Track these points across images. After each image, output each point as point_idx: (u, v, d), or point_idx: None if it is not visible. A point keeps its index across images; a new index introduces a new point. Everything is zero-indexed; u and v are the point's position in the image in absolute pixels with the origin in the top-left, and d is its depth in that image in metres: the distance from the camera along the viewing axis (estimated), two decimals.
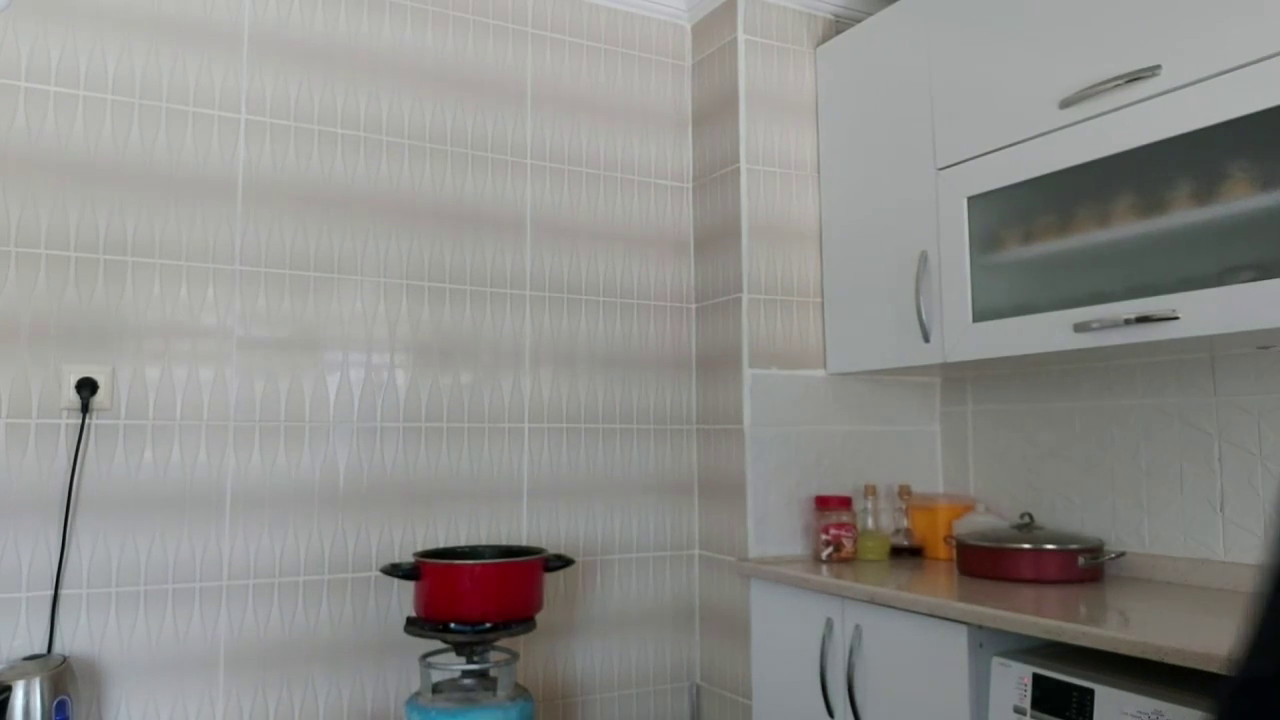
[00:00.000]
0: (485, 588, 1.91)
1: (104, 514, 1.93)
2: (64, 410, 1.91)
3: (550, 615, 2.33)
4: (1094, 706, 1.45)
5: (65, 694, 1.73)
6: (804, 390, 2.44)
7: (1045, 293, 1.92)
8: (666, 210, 2.64)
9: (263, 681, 2.04)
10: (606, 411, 2.49)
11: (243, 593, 2.04)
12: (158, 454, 1.98)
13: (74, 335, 1.93)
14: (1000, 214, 2.03)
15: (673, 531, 2.55)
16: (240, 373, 2.07)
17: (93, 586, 1.91)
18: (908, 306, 2.18)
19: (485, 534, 2.31)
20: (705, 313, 2.59)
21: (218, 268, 2.07)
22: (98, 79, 1.99)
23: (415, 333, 2.27)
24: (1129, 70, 1.69)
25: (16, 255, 1.90)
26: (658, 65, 2.67)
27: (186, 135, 2.07)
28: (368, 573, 2.16)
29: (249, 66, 2.14)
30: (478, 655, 1.94)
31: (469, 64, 2.40)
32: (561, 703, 2.37)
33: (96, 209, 1.97)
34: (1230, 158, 1.61)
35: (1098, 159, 1.75)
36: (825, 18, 2.61)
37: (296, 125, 2.18)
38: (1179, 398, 1.96)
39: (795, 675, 2.11)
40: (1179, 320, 1.61)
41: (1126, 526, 2.05)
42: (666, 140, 2.66)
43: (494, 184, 2.40)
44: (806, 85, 2.56)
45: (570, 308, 2.47)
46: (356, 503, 2.17)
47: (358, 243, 2.22)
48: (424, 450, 2.25)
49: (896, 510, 2.43)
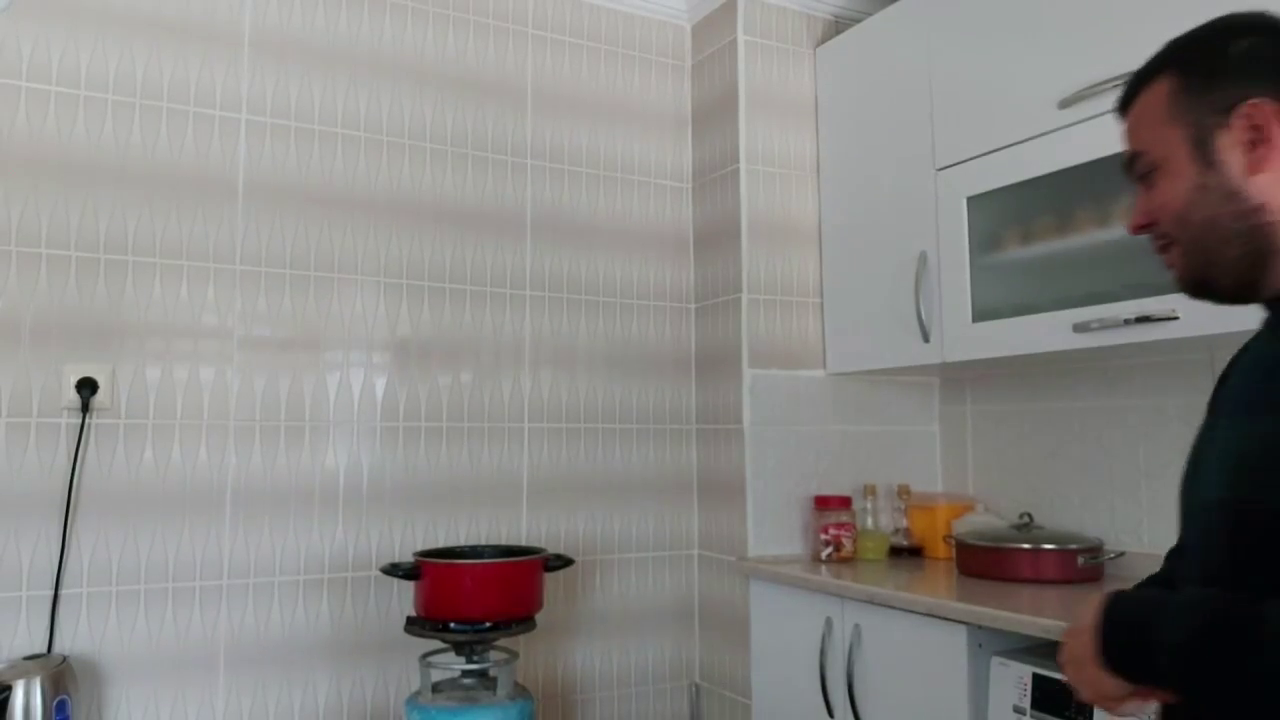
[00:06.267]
0: (485, 587, 1.91)
1: (104, 513, 1.93)
2: (64, 410, 1.91)
3: (550, 615, 2.33)
4: (1094, 706, 1.45)
5: (65, 693, 1.73)
6: (803, 390, 2.44)
7: (1045, 293, 1.92)
8: (666, 210, 2.64)
9: (263, 680, 2.04)
10: (606, 411, 2.49)
11: (243, 592, 2.04)
12: (158, 453, 1.98)
13: (75, 335, 1.93)
14: (1000, 214, 2.03)
15: (672, 531, 2.55)
16: (241, 372, 2.08)
17: (93, 586, 1.91)
18: (907, 306, 2.18)
19: (485, 534, 2.31)
20: (705, 313, 2.59)
21: (218, 267, 2.07)
22: (99, 79, 1.99)
23: (415, 332, 2.27)
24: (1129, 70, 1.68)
25: (17, 255, 1.90)
26: (658, 65, 2.67)
27: (187, 135, 2.07)
28: (368, 572, 2.17)
29: (250, 66, 2.14)
30: (478, 655, 1.94)
31: (469, 64, 2.40)
32: (561, 702, 2.37)
33: (97, 209, 1.97)
34: None
35: (1098, 159, 1.75)
36: (825, 18, 2.61)
37: (297, 125, 2.18)
38: (1179, 398, 1.97)
39: (795, 675, 2.12)
40: (1179, 320, 1.61)
41: (1126, 526, 2.06)
42: (666, 140, 2.66)
43: (494, 184, 2.41)
44: (806, 85, 2.56)
45: (570, 308, 2.47)
46: (357, 502, 2.17)
47: (358, 242, 2.22)
48: (424, 450, 2.25)
49: (896, 510, 2.43)
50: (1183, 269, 0.93)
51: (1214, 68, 0.89)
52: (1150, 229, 0.94)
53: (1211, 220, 0.87)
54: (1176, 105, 0.90)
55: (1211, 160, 0.87)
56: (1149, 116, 0.93)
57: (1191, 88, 0.89)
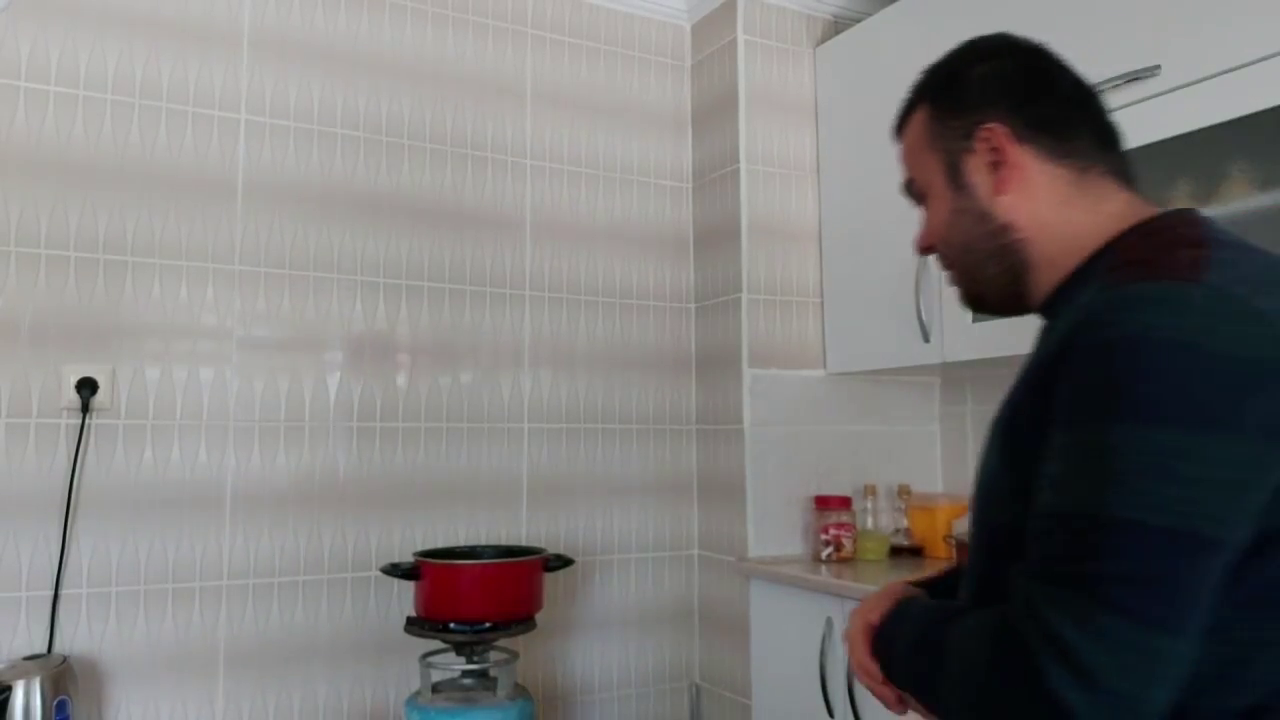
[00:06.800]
0: (485, 587, 1.92)
1: (104, 514, 1.93)
2: (64, 410, 1.91)
3: (550, 615, 2.33)
4: None
5: (65, 694, 1.73)
6: (803, 390, 2.44)
7: None
8: (666, 210, 2.64)
9: (262, 681, 2.04)
10: (606, 411, 2.49)
11: (243, 592, 2.04)
12: (158, 454, 1.98)
13: (74, 335, 1.93)
14: None
15: (672, 531, 2.55)
16: (240, 372, 2.07)
17: (93, 586, 1.91)
18: (907, 306, 2.18)
19: (485, 534, 2.31)
20: (705, 313, 2.59)
21: (218, 268, 2.07)
22: (98, 79, 1.99)
23: (415, 332, 2.27)
24: (1129, 70, 1.69)
25: (16, 255, 1.90)
26: (657, 65, 2.67)
27: (186, 135, 2.07)
28: (368, 572, 2.16)
29: (249, 67, 2.14)
30: (478, 655, 1.94)
31: (469, 64, 2.40)
32: (561, 703, 2.37)
33: (96, 209, 1.97)
34: (1230, 158, 1.61)
35: None
36: (825, 18, 2.61)
37: (296, 125, 2.18)
38: None
39: (795, 675, 2.11)
40: None
41: None
42: (666, 140, 2.66)
43: (494, 184, 2.40)
44: (806, 85, 2.56)
45: (570, 308, 2.47)
46: (356, 502, 2.17)
47: (358, 242, 2.22)
48: (424, 450, 2.25)
49: (896, 510, 2.43)
50: (958, 287, 0.96)
51: (956, 94, 0.92)
52: (931, 251, 0.97)
53: (969, 242, 0.91)
54: (931, 133, 0.93)
55: (962, 184, 0.90)
56: (913, 144, 0.96)
57: (941, 115, 0.92)
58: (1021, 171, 0.87)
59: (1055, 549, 0.68)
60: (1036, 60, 0.93)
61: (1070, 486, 0.69)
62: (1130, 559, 0.64)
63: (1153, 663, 0.63)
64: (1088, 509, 0.66)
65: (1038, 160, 0.87)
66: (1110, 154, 0.88)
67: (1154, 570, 0.64)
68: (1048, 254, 0.86)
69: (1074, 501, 0.68)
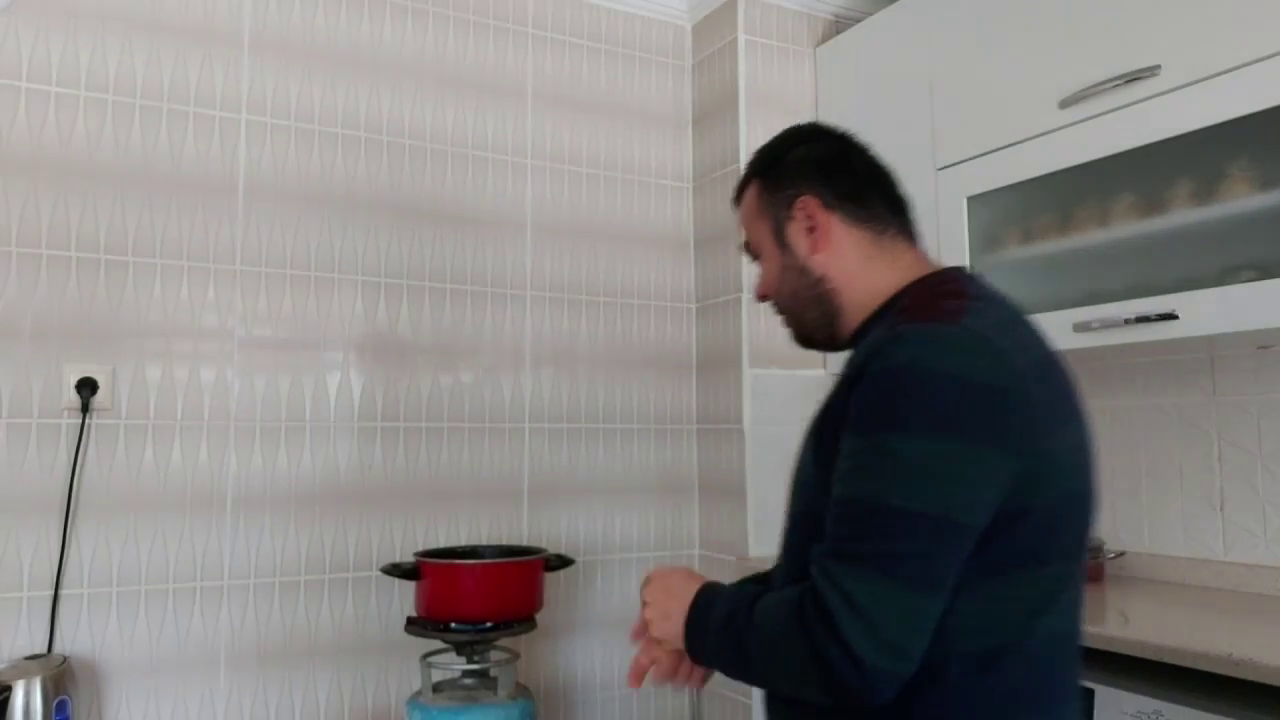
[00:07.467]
0: (486, 587, 1.92)
1: (104, 514, 1.93)
2: (64, 410, 1.91)
3: (550, 615, 2.33)
4: (1094, 706, 1.45)
5: (65, 694, 1.74)
6: (804, 390, 2.44)
7: (1045, 292, 1.92)
8: (666, 210, 2.64)
9: (263, 681, 2.05)
10: (606, 411, 2.49)
11: (243, 592, 2.04)
12: (158, 454, 1.99)
13: (75, 335, 1.93)
14: (1000, 214, 2.03)
15: (673, 531, 2.55)
16: (241, 373, 2.08)
17: (93, 586, 1.91)
18: None
19: (485, 534, 2.31)
20: (705, 313, 2.59)
21: (218, 268, 2.07)
22: (98, 79, 1.99)
23: (416, 332, 2.27)
24: (1129, 70, 1.69)
25: (17, 255, 1.90)
26: (658, 65, 2.67)
27: (187, 135, 2.07)
28: (368, 572, 2.17)
29: (249, 67, 2.14)
30: (478, 655, 1.94)
31: (469, 64, 2.40)
32: (561, 702, 2.37)
33: (97, 209, 1.97)
34: (1230, 158, 1.61)
35: (1098, 159, 1.75)
36: (825, 18, 2.61)
37: (297, 125, 2.18)
38: (1178, 398, 1.97)
39: None
40: (1179, 320, 1.61)
41: (1126, 526, 2.05)
42: (666, 140, 2.66)
43: (494, 184, 2.41)
44: (806, 85, 2.56)
45: (570, 308, 2.47)
46: (357, 502, 2.17)
47: (358, 242, 2.22)
48: (424, 450, 2.25)
49: None
50: (790, 329, 1.16)
51: (779, 172, 1.10)
52: (766, 299, 1.15)
53: (794, 292, 1.10)
54: (761, 203, 1.12)
55: (785, 245, 1.09)
56: (748, 212, 1.14)
57: (768, 188, 1.11)
58: (831, 234, 1.06)
59: (845, 530, 0.85)
60: (840, 145, 1.12)
61: (857, 482, 0.85)
62: (903, 539, 0.81)
63: (918, 617, 0.81)
64: (871, 499, 0.83)
65: (844, 225, 1.06)
66: (900, 219, 1.09)
67: (920, 548, 0.81)
68: (855, 300, 1.07)
69: (861, 493, 0.85)
